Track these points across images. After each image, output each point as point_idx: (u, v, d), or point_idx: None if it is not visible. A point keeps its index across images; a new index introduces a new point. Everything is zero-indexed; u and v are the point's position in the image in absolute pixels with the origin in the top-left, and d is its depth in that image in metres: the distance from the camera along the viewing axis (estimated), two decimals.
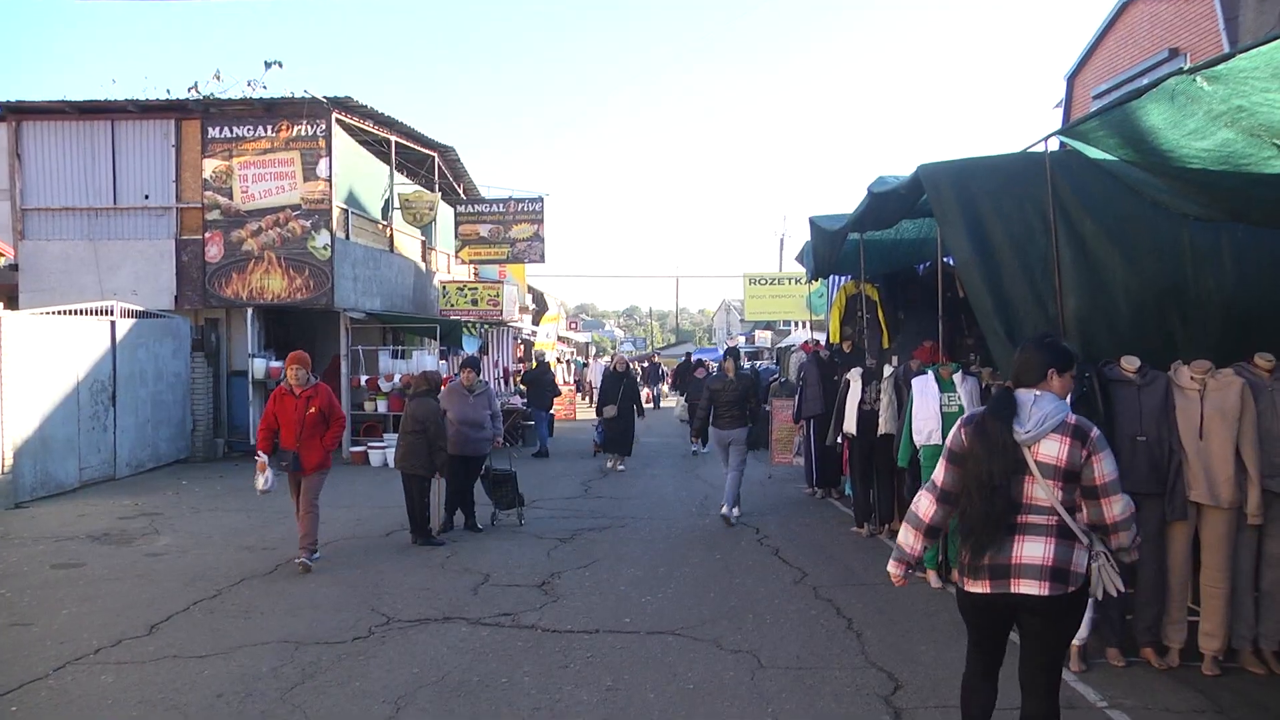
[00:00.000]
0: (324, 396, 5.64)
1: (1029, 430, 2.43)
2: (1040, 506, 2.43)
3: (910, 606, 4.72)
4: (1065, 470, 2.41)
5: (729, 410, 7.05)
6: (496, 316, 15.19)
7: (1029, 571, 2.41)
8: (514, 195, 16.31)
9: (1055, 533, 2.42)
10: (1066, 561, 2.41)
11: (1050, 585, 2.39)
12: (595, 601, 4.87)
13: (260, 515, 7.53)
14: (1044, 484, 2.42)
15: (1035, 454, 2.42)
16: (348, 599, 4.92)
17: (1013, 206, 4.35)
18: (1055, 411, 2.43)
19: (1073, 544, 2.43)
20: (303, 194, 11.38)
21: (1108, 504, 2.40)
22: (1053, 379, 2.52)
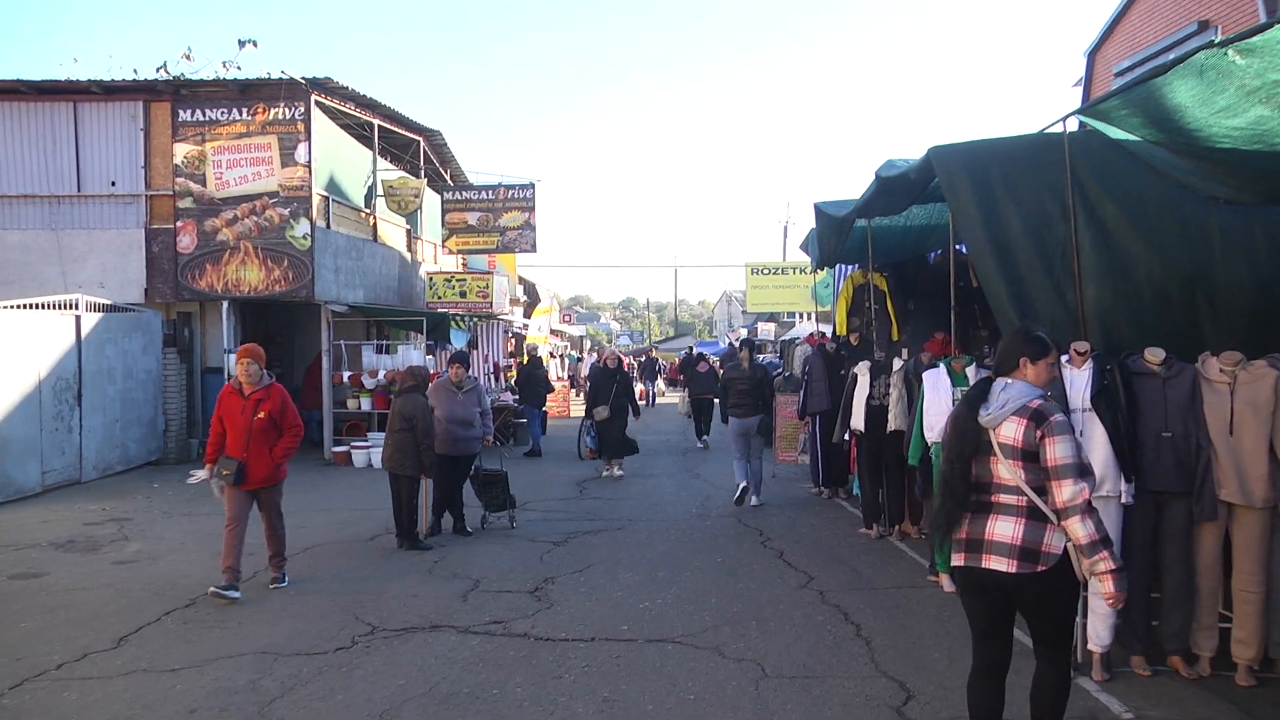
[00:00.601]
0: (277, 399, 5.07)
1: (990, 413, 2.68)
2: (1007, 486, 2.65)
3: (922, 612, 4.72)
4: (1023, 450, 2.61)
5: (744, 399, 7.86)
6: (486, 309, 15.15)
7: (998, 549, 2.64)
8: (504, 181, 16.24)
9: (1025, 513, 2.62)
10: (1036, 541, 2.60)
11: (1019, 564, 2.60)
12: (591, 608, 4.85)
13: None
14: (1006, 464, 2.65)
15: (998, 435, 2.66)
16: (330, 607, 4.89)
17: (1029, 190, 4.34)
18: (1019, 396, 2.66)
19: (1044, 525, 2.61)
20: (280, 180, 11.30)
21: (1057, 487, 2.55)
22: (1025, 367, 2.73)
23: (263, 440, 5.04)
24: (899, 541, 6.39)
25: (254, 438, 5.00)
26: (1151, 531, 3.74)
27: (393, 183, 14.22)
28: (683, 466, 11.04)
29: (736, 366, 8.07)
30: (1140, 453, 3.71)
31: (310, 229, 11.25)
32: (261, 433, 5.03)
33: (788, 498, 8.50)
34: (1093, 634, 3.74)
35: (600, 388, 9.96)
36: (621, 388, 9.89)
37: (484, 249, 16.67)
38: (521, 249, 16.44)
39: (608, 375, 9.99)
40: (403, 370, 6.70)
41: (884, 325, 8.05)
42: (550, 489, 9.15)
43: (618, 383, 9.88)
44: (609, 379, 9.93)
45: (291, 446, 5.11)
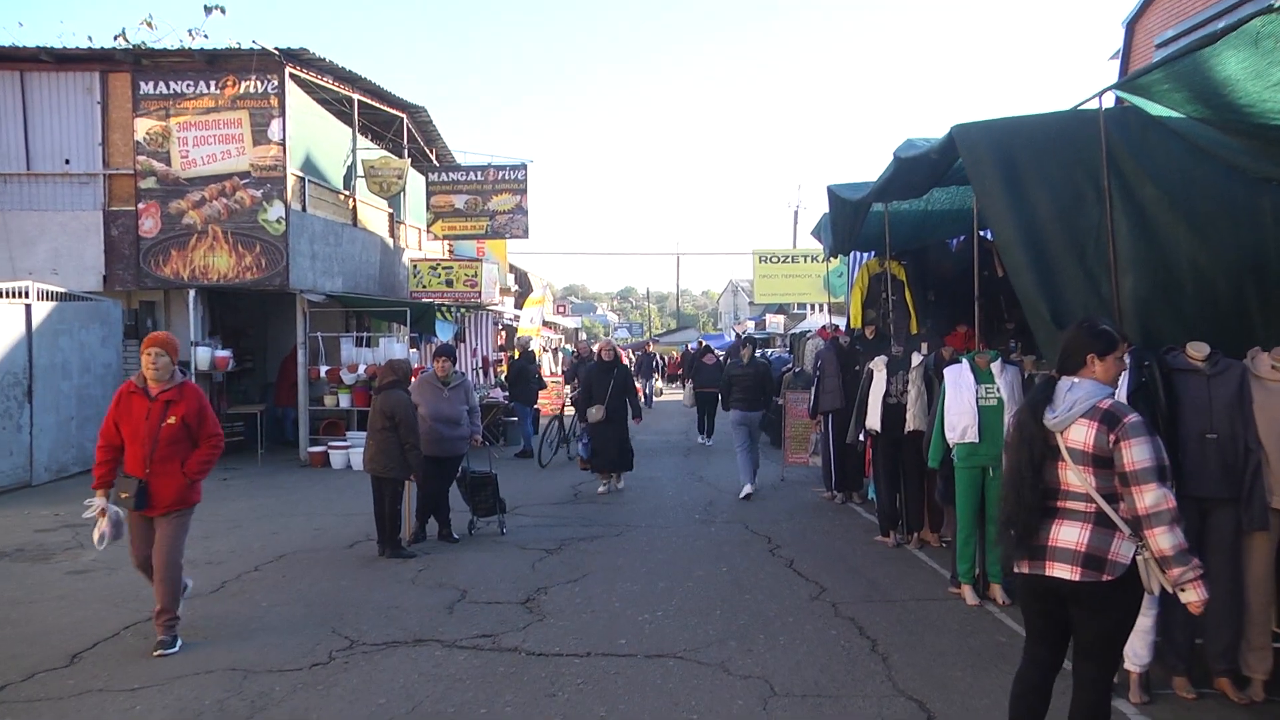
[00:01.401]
0: (191, 401, 4.29)
1: (1056, 416, 2.70)
2: (1076, 493, 2.68)
3: (943, 626, 4.69)
4: (1094, 456, 2.63)
5: (747, 394, 8.93)
6: (474, 299, 15.13)
7: (1062, 555, 2.67)
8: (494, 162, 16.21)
9: (1093, 519, 2.66)
10: (1103, 549, 2.63)
11: (1082, 571, 2.63)
12: (586, 620, 4.83)
13: (204, 524, 7.47)
14: (1075, 470, 2.67)
15: (1066, 439, 2.69)
16: (305, 620, 4.86)
17: (1061, 171, 4.31)
18: (1088, 397, 2.67)
19: (1112, 532, 2.64)
20: (252, 160, 11.23)
21: (1138, 493, 2.55)
22: (1093, 364, 2.74)
23: (172, 453, 4.20)
24: (918, 550, 6.38)
25: (161, 449, 4.18)
26: (1194, 541, 3.70)
27: (374, 163, 14.17)
28: (684, 468, 11.04)
29: (739, 363, 9.22)
30: (1182, 456, 3.67)
31: (284, 212, 11.19)
32: (170, 443, 4.20)
33: (798, 502, 8.49)
34: (1129, 652, 3.70)
35: (595, 384, 8.94)
36: (620, 385, 8.89)
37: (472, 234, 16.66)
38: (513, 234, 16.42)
39: (603, 370, 9.03)
40: (383, 365, 6.65)
41: (902, 317, 8.04)
42: (543, 492, 9.12)
43: (615, 379, 8.87)
44: (605, 374, 8.96)
45: (208, 460, 4.26)
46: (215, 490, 9.22)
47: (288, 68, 11.37)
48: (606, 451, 8.86)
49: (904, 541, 6.53)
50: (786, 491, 9.13)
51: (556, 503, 8.54)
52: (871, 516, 7.44)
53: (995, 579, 5.06)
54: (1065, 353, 2.80)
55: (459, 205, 15.97)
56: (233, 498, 8.83)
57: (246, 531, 7.23)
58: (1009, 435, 2.89)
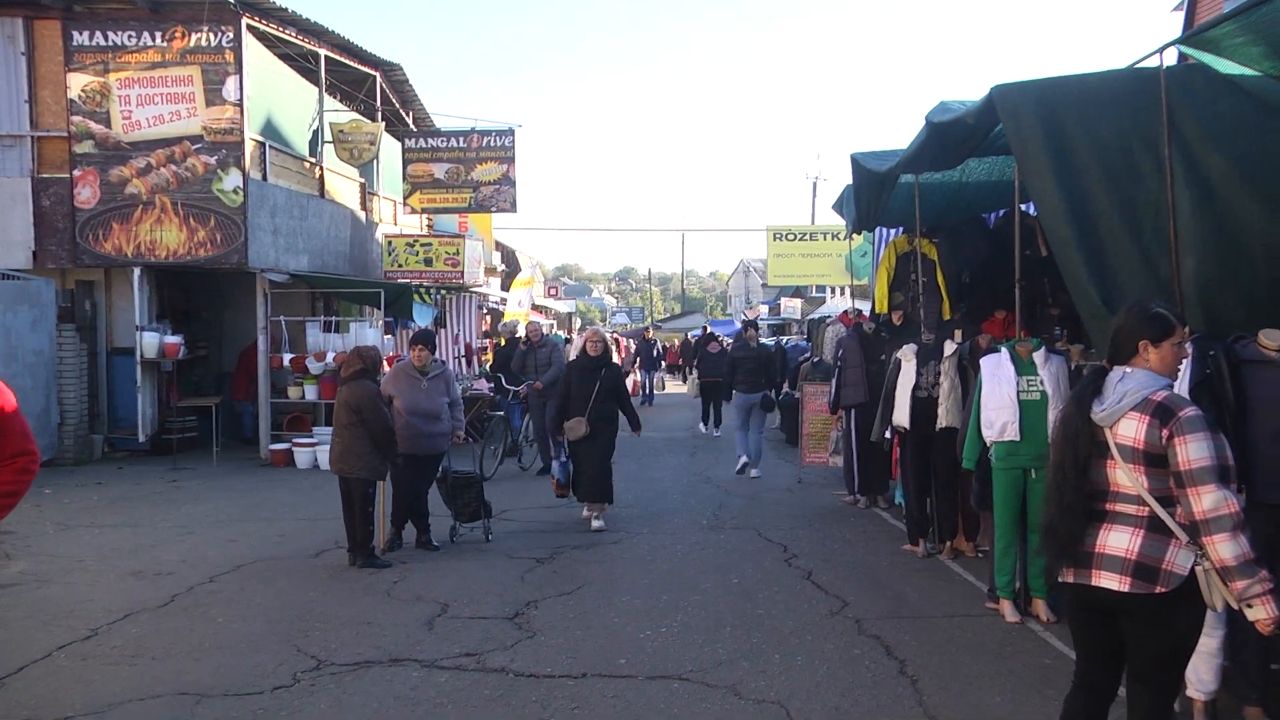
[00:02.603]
0: None
1: (1104, 409, 2.69)
2: (1126, 494, 2.67)
3: (979, 645, 4.69)
4: (1145, 453, 2.62)
5: (750, 377, 10.02)
6: (456, 279, 15.12)
7: (1110, 563, 2.66)
8: (478, 127, 16.14)
9: (1145, 524, 2.64)
10: (1156, 557, 2.61)
11: (1133, 581, 2.61)
12: (581, 638, 4.83)
13: (152, 531, 7.49)
14: (1125, 469, 2.65)
15: (1115, 435, 2.67)
16: (266, 637, 4.86)
17: (1115, 138, 4.29)
18: (1140, 388, 2.66)
19: (1167, 539, 2.62)
20: (205, 122, 11.17)
21: (1194, 495, 2.53)
22: (1146, 352, 2.73)
23: None
24: (950, 561, 6.38)
25: None
26: (1268, 553, 3.67)
27: (344, 126, 14.13)
28: (690, 469, 11.04)
29: (744, 346, 10.47)
30: (1253, 457, 3.64)
31: (242, 181, 11.15)
32: None
33: (816, 507, 8.50)
34: (1193, 677, 3.69)
35: (575, 388, 7.56)
36: (608, 388, 7.53)
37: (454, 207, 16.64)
38: (499, 208, 16.40)
39: (587, 369, 7.59)
40: (349, 352, 6.64)
41: (933, 301, 8.03)
42: (533, 495, 9.12)
43: (603, 381, 7.50)
44: (589, 375, 7.54)
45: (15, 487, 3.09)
46: (164, 493, 9.23)
47: (245, 18, 11.28)
48: (588, 476, 7.53)
49: (935, 551, 6.54)
50: (804, 495, 9.13)
51: (548, 506, 8.54)
52: (899, 523, 7.44)
53: (1038, 593, 5.06)
54: (1115, 340, 2.79)
55: (439, 175, 15.94)
56: (184, 501, 8.83)
57: (200, 538, 7.23)
58: (1054, 432, 2.90)
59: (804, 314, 29.86)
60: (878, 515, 8.06)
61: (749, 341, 10.43)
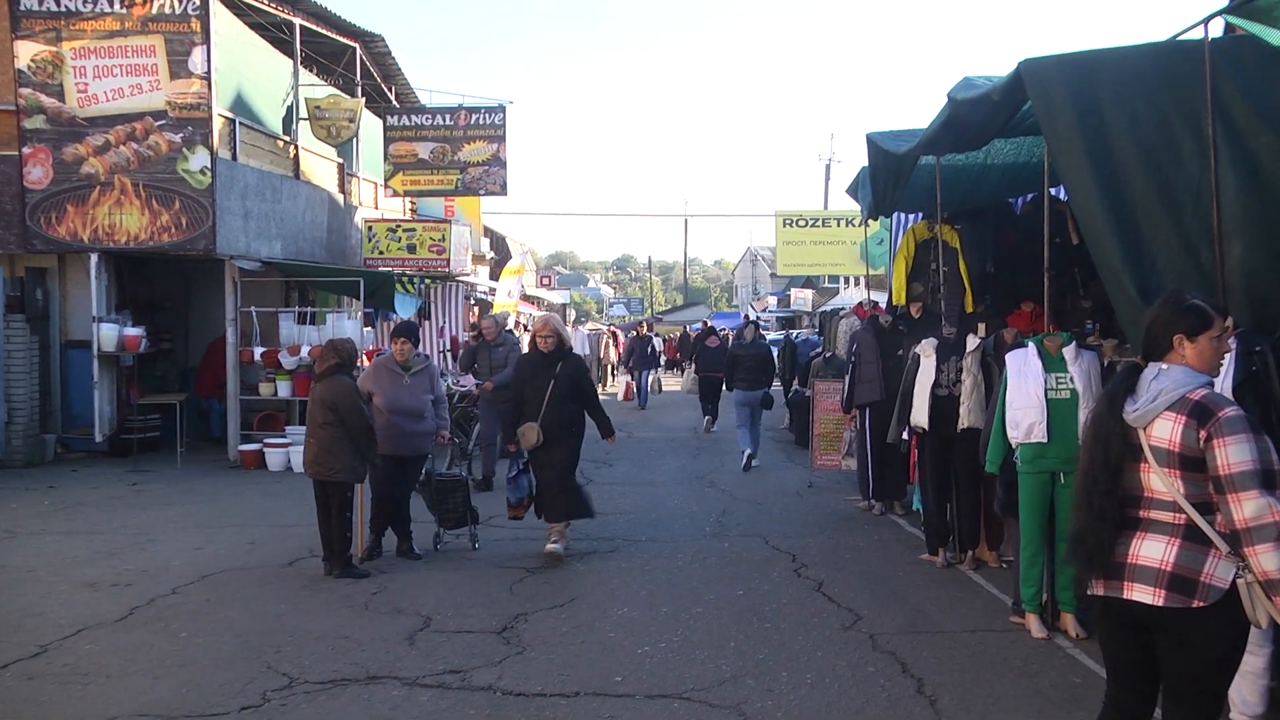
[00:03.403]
0: None
1: (1137, 409, 2.70)
2: (1161, 500, 2.68)
3: (1003, 663, 4.69)
4: (1181, 456, 2.62)
5: (750, 374, 10.87)
6: (441, 268, 15.12)
7: (1144, 575, 2.66)
8: (466, 103, 16.13)
9: (1182, 533, 2.65)
10: (1193, 568, 2.61)
11: (1167, 595, 2.62)
12: (575, 653, 4.83)
13: (110, 538, 7.48)
14: (1160, 473, 2.66)
15: (1149, 437, 2.68)
16: (235, 653, 4.84)
17: (1154, 116, 4.29)
18: (1176, 386, 2.66)
19: (1206, 549, 2.62)
20: (170, 96, 11.12)
21: (1234, 502, 2.53)
22: (1181, 347, 2.73)
23: None
24: (972, 572, 6.38)
25: None
26: None
27: (320, 102, 14.10)
28: (692, 471, 11.05)
29: (743, 343, 11.30)
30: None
31: (210, 161, 11.11)
32: None
33: (828, 513, 8.50)
34: (1237, 699, 3.68)
35: (527, 387, 6.78)
36: (567, 387, 6.71)
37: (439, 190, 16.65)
38: (488, 190, 16.41)
39: (540, 365, 6.76)
40: (324, 345, 6.63)
41: (955, 293, 8.03)
42: None
43: (559, 379, 6.69)
44: (543, 371, 6.72)
45: None
46: (123, 498, 9.23)
47: None
48: (548, 492, 6.79)
49: (956, 561, 6.53)
50: (814, 500, 9.12)
51: None
52: (916, 530, 7.45)
53: (1067, 607, 5.06)
54: (1149, 334, 2.80)
55: (424, 155, 15.94)
56: (146, 506, 8.81)
57: (162, 546, 7.22)
58: (1084, 433, 2.91)
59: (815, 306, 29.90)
60: (894, 522, 8.07)
61: (747, 337, 11.37)
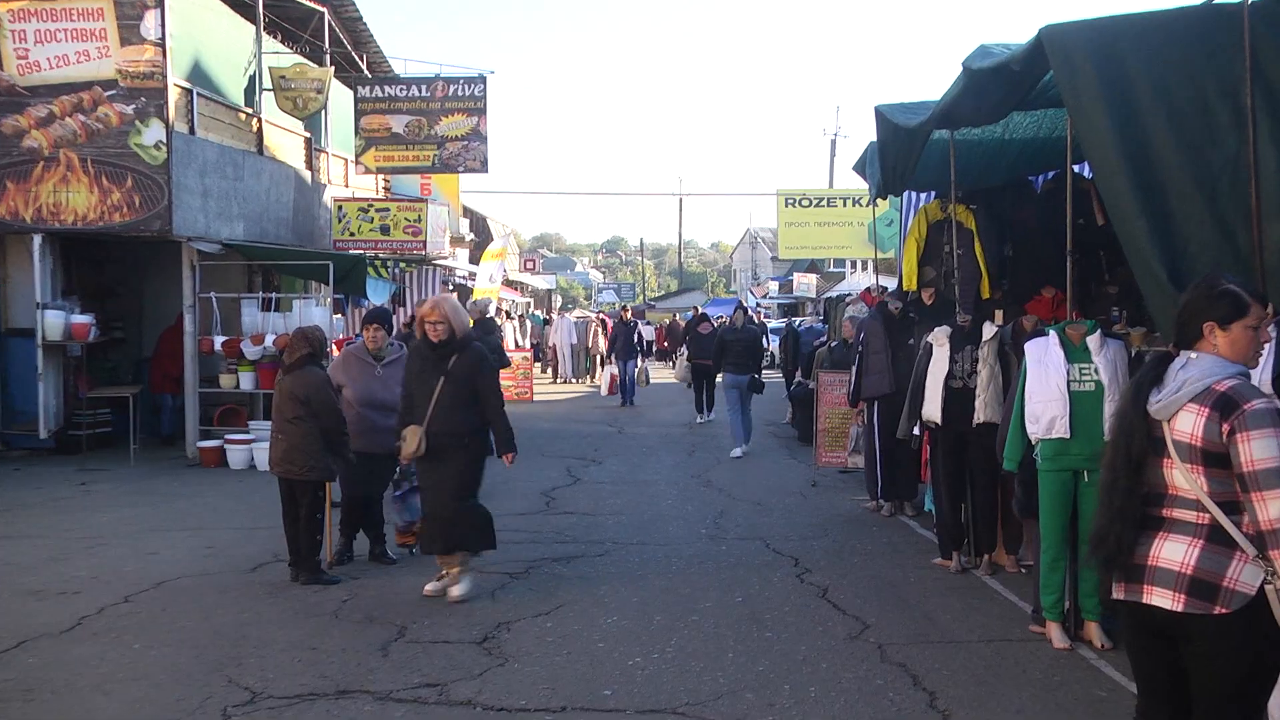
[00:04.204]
0: None
1: (1160, 400, 2.72)
2: (1184, 499, 2.69)
3: (1021, 675, 4.69)
4: (1203, 451, 2.63)
5: (740, 359, 11.78)
6: (417, 250, 15.08)
7: (1163, 578, 2.67)
8: (443, 73, 16.05)
9: (1206, 534, 2.65)
10: (1216, 572, 2.61)
11: (1187, 600, 2.62)
12: (561, 665, 4.83)
13: (56, 543, 7.45)
14: (1183, 469, 2.67)
15: (1172, 430, 2.70)
16: (192, 666, 4.82)
17: (1186, 86, 4.28)
18: (1202, 376, 2.67)
19: (1230, 552, 2.62)
20: (120, 64, 11.02)
21: (1259, 501, 2.54)
22: (1212, 336, 2.74)
23: None
24: (989, 577, 6.39)
25: None
26: None
27: (285, 72, 14.01)
28: (687, 469, 11.07)
29: (732, 329, 12.22)
30: None
31: (165, 135, 11.03)
32: None
33: (833, 514, 8.52)
34: (1276, 714, 3.68)
35: (415, 384, 5.95)
36: (461, 386, 5.83)
37: (415, 167, 16.58)
38: (468, 167, 16.38)
39: (428, 359, 5.89)
40: (292, 334, 6.60)
41: (970, 277, 8.03)
42: (506, 499, 9.11)
43: (449, 377, 5.81)
44: (430, 367, 5.87)
45: None
46: (71, 499, 9.19)
47: None
48: (435, 517, 5.89)
49: (971, 566, 6.55)
50: (819, 500, 9.14)
51: (523, 513, 8.55)
52: (928, 533, 7.46)
53: (1090, 615, 5.07)
54: (1180, 321, 2.82)
55: (398, 129, 15.87)
56: (96, 508, 8.77)
57: (114, 551, 7.18)
58: (1109, 427, 2.95)
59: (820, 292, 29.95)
60: (904, 524, 8.08)
61: (735, 324, 12.31)
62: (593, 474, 10.71)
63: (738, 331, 12.05)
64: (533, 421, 15.83)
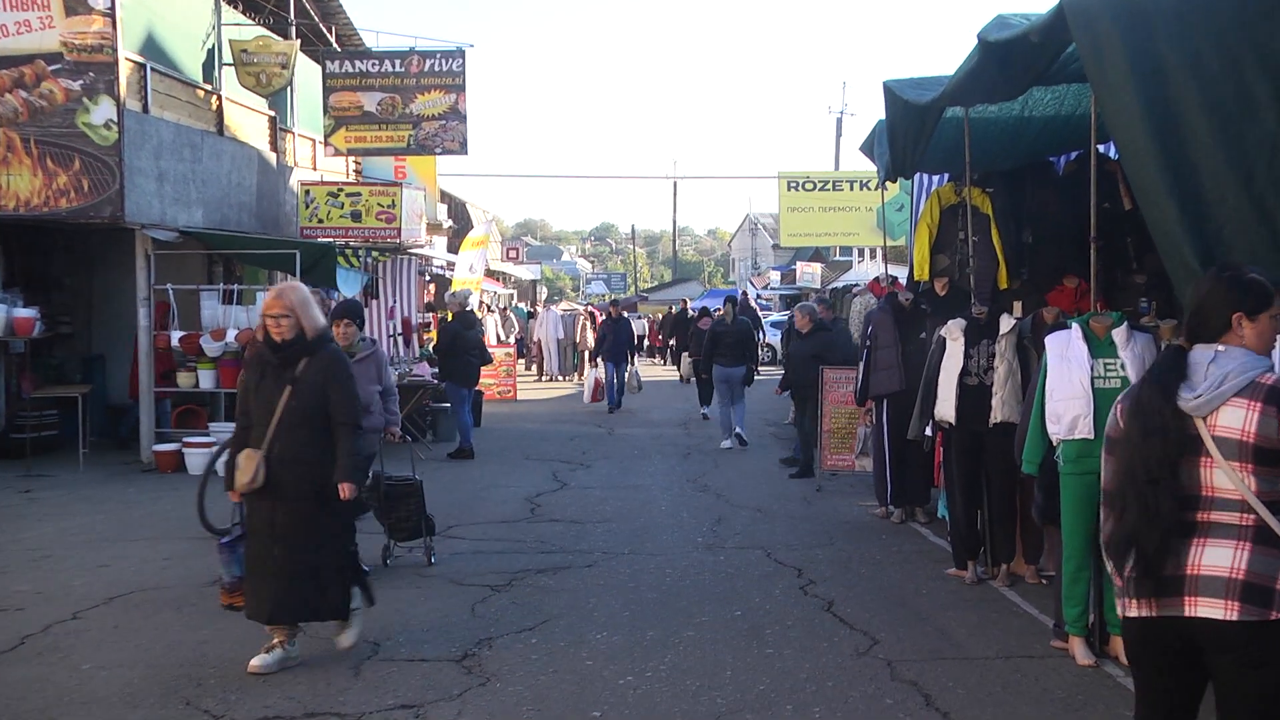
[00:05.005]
0: None
1: (1200, 395, 2.72)
2: (1227, 500, 2.70)
3: (1042, 694, 4.70)
4: (1255, 447, 2.65)
5: (731, 351, 12.54)
6: (391, 238, 15.05)
7: (1210, 587, 2.67)
8: (418, 47, 16.00)
9: (1252, 536, 2.67)
10: (1269, 575, 2.64)
11: (1241, 607, 2.62)
12: (547, 684, 4.82)
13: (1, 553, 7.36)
14: (1227, 468, 2.68)
15: (1213, 427, 2.71)
16: (148, 688, 4.79)
17: (1221, 59, 4.25)
18: (1242, 369, 2.71)
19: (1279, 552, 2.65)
20: (65, 36, 10.95)
21: None
22: (1241, 327, 2.79)
23: None
24: (1007, 589, 6.40)
25: None
26: None
27: (247, 45, 13.97)
28: (682, 473, 11.08)
29: (722, 321, 13.02)
30: None
31: (116, 113, 10.97)
32: None
33: (839, 521, 8.54)
34: None
35: (254, 401, 5.09)
36: (311, 400, 4.99)
37: (388, 148, 16.56)
38: (445, 149, 16.35)
39: (271, 366, 5.07)
40: (257, 328, 6.54)
41: (987, 266, 8.05)
42: (487, 506, 9.12)
43: (298, 388, 4.97)
44: (274, 376, 5.03)
45: None
46: (13, 507, 9.17)
47: None
48: (260, 567, 4.98)
49: (987, 576, 6.57)
50: (824, 506, 9.16)
51: (506, 520, 8.53)
52: (941, 541, 7.48)
53: (1117, 629, 5.06)
54: (1200, 313, 2.87)
55: (370, 107, 15.84)
56: (42, 516, 8.74)
57: (62, 564, 7.16)
58: (1114, 425, 2.92)
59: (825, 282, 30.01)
60: (915, 531, 8.11)
61: (726, 317, 13.02)
62: (581, 478, 10.71)
63: (728, 325, 12.79)
64: (516, 422, 15.84)
